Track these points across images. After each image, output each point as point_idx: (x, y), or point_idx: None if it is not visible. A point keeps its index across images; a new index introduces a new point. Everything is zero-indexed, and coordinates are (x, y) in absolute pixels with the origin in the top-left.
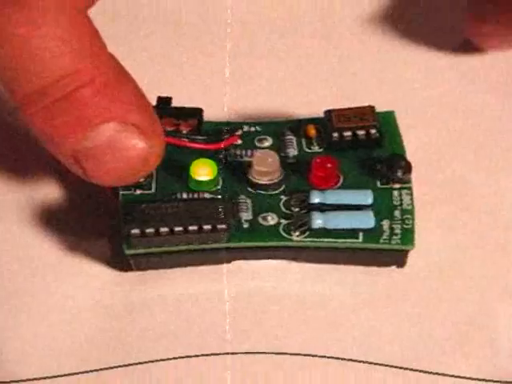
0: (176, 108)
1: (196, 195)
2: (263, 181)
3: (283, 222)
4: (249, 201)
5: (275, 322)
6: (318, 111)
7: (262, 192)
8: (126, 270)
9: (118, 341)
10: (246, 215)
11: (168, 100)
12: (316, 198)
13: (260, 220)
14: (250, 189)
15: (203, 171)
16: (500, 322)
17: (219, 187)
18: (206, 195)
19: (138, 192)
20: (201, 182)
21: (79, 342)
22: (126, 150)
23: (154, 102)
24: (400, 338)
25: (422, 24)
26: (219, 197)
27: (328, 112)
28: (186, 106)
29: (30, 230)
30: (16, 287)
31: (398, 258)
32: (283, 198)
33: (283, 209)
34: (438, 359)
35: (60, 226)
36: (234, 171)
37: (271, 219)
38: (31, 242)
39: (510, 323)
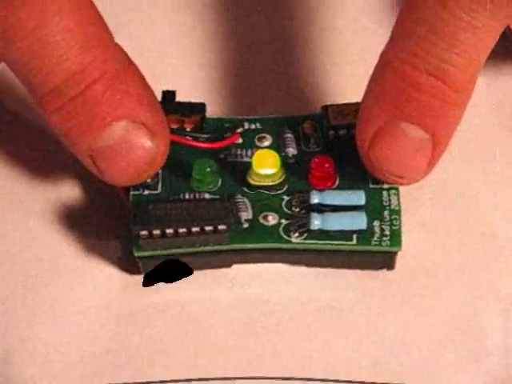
0: (179, 103)
1: (198, 195)
2: (265, 183)
3: (283, 222)
4: (246, 200)
5: (275, 335)
6: (317, 107)
7: (264, 191)
8: (135, 273)
9: (117, 349)
10: (245, 215)
11: (172, 94)
12: (316, 199)
13: (261, 220)
14: (246, 189)
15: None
16: (490, 324)
17: (218, 187)
18: (206, 195)
19: (146, 192)
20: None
21: (81, 342)
22: (135, 149)
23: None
24: (400, 346)
25: None
26: (217, 197)
27: (325, 108)
28: (186, 100)
29: (46, 230)
30: (28, 285)
31: (388, 260)
32: (285, 197)
33: (285, 209)
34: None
35: (77, 226)
36: (233, 171)
37: (272, 219)
38: (46, 241)
39: (498, 325)
